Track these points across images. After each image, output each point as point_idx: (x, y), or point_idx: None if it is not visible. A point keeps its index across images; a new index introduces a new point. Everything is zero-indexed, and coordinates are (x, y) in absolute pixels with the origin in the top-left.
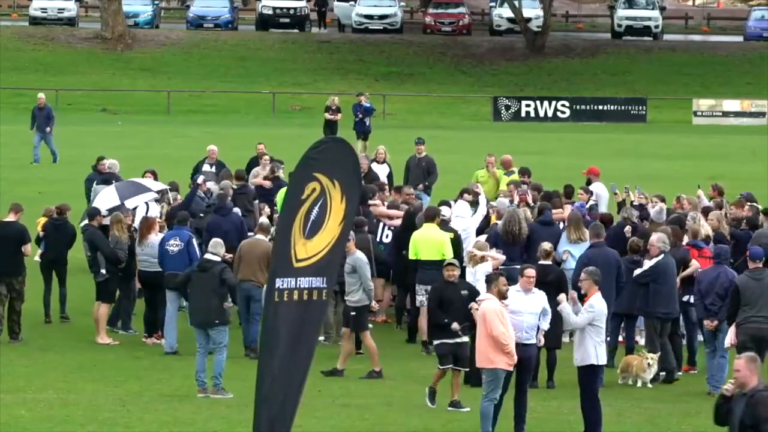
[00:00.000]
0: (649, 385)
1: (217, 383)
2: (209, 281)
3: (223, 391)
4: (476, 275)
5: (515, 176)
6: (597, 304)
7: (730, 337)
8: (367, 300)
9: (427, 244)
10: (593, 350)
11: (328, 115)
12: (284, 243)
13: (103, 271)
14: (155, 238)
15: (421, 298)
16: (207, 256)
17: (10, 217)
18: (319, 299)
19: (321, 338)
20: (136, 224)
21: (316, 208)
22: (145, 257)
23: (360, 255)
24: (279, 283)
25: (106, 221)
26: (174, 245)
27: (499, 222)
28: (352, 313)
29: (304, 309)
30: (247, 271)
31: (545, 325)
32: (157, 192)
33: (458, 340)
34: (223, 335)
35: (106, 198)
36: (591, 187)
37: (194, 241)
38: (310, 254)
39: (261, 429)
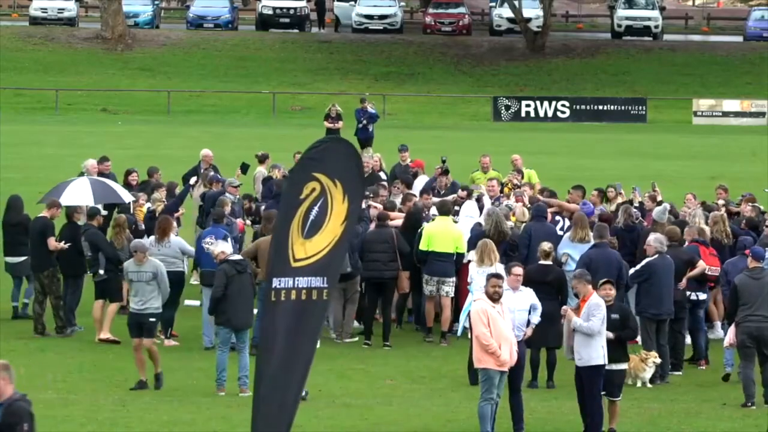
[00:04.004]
0: (649, 385)
1: (246, 382)
2: (248, 282)
3: (247, 389)
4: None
5: (495, 174)
6: (601, 303)
7: (729, 336)
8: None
9: (442, 236)
10: (601, 350)
11: (327, 123)
12: (282, 243)
13: (102, 271)
14: (174, 238)
15: (432, 288)
16: (235, 257)
17: (43, 213)
18: (318, 299)
19: (333, 335)
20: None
21: (316, 208)
22: (162, 257)
23: (159, 263)
24: (276, 282)
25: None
26: (209, 243)
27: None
28: (151, 320)
29: (303, 308)
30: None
31: (535, 319)
32: (125, 203)
33: (614, 366)
34: (247, 334)
35: (79, 194)
36: (417, 181)
37: (229, 240)
38: (310, 254)
39: (259, 428)
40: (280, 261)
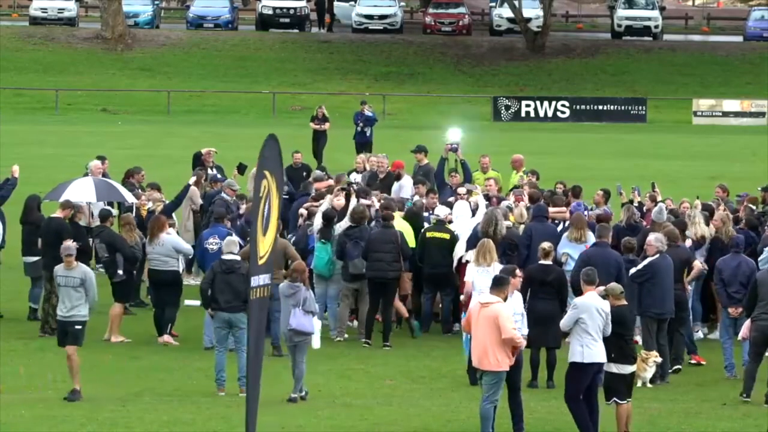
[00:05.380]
0: (649, 385)
1: (245, 382)
2: (236, 282)
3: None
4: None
5: (495, 174)
6: (581, 302)
7: (743, 330)
8: (88, 316)
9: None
10: (579, 348)
11: (313, 125)
12: (255, 242)
13: (120, 271)
14: (166, 237)
15: None
16: (228, 257)
17: (57, 213)
18: (266, 296)
19: (335, 334)
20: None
21: (267, 205)
22: (155, 256)
23: (89, 270)
24: (253, 281)
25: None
26: (213, 243)
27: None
28: (77, 327)
29: (262, 305)
30: None
31: (525, 330)
32: (128, 203)
33: (631, 369)
34: (245, 334)
35: (81, 192)
36: (402, 182)
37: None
38: (266, 251)
39: (250, 428)
40: (254, 260)
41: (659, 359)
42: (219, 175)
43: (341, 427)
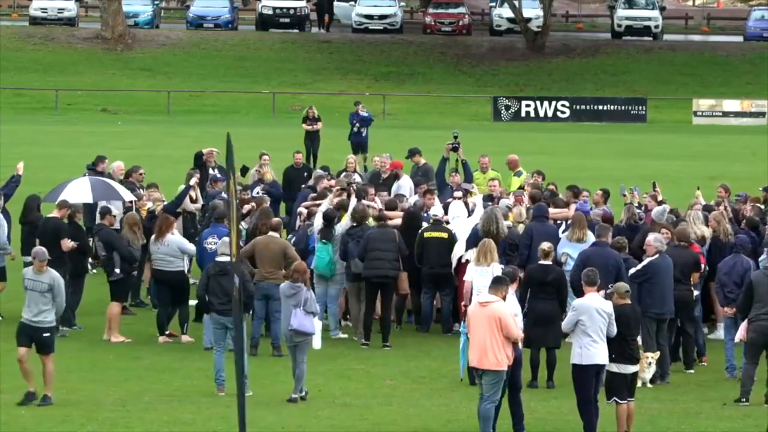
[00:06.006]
0: (649, 385)
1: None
2: (229, 284)
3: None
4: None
5: (495, 174)
6: (580, 303)
7: (740, 332)
8: (55, 321)
9: None
10: (578, 350)
11: (305, 126)
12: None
13: (118, 270)
14: (171, 237)
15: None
16: (222, 258)
17: (54, 213)
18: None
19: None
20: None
21: (235, 203)
22: (160, 256)
23: (58, 276)
24: (235, 280)
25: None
26: (212, 243)
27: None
28: (45, 335)
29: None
30: (267, 270)
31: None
32: (128, 203)
33: (633, 369)
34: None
35: (78, 192)
36: (400, 182)
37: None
38: (234, 250)
39: (242, 429)
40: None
41: (656, 358)
42: (220, 175)
43: (341, 427)
